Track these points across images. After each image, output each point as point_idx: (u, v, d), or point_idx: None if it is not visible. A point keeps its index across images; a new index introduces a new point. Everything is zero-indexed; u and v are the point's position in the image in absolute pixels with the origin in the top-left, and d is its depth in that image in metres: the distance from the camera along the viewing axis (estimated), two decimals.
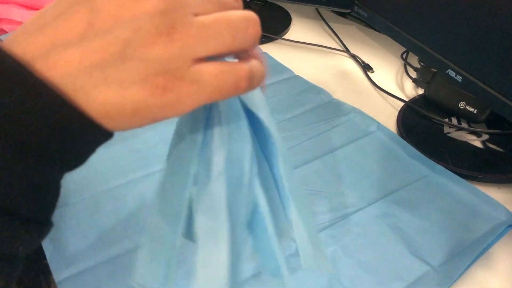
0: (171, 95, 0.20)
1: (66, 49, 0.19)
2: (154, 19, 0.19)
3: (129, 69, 0.20)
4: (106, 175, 0.56)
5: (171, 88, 0.20)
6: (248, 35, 0.22)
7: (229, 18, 0.21)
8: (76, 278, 0.46)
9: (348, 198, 0.55)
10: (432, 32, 0.59)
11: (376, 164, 0.60)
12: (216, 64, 0.21)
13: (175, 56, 0.20)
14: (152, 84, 0.20)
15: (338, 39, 0.88)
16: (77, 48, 0.19)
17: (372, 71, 0.80)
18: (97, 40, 0.19)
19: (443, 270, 0.47)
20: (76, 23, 0.19)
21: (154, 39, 0.19)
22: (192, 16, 0.21)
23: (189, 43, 0.20)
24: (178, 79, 0.20)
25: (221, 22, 0.21)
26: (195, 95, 0.21)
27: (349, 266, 0.47)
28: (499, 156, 0.60)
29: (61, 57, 0.19)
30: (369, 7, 0.71)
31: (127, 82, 0.20)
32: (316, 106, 0.70)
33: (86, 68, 0.19)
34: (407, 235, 0.51)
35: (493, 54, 0.51)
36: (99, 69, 0.19)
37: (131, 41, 0.19)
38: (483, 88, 0.53)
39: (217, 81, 0.21)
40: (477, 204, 0.54)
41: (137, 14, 0.19)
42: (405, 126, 0.66)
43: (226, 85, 0.21)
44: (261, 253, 0.33)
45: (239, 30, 0.21)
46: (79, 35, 0.19)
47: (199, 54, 0.21)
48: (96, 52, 0.19)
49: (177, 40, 0.20)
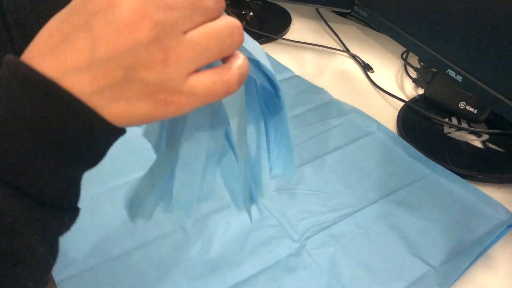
0: (172, 106, 0.24)
1: (77, 73, 0.22)
2: (149, 47, 0.22)
3: (133, 89, 0.23)
4: (106, 175, 0.56)
5: (171, 101, 0.24)
6: (233, 44, 0.25)
7: (216, 32, 0.24)
8: (76, 278, 0.46)
9: (348, 198, 0.55)
10: (432, 32, 0.59)
11: (376, 164, 0.60)
12: (208, 75, 0.24)
13: (171, 76, 0.23)
14: (155, 99, 0.23)
15: (338, 39, 0.88)
16: (86, 73, 0.22)
17: (372, 71, 0.80)
18: (102, 66, 0.22)
19: (443, 270, 0.47)
20: (81, 50, 0.22)
21: (151, 64, 0.22)
22: (183, 35, 0.23)
23: (183, 63, 0.23)
24: (177, 94, 0.24)
25: (209, 38, 0.24)
26: (192, 103, 0.24)
27: (349, 266, 0.47)
28: (499, 156, 0.60)
29: (76, 80, 0.23)
30: (369, 7, 0.71)
31: (133, 99, 0.23)
32: (316, 106, 0.70)
33: (97, 89, 0.23)
34: (407, 235, 0.51)
35: (493, 54, 0.51)
36: (108, 90, 0.23)
37: (132, 67, 0.22)
38: (483, 88, 0.53)
39: (210, 90, 0.24)
40: (477, 204, 0.54)
41: (133, 44, 0.22)
42: (405, 126, 0.66)
43: (219, 92, 0.25)
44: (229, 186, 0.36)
45: (225, 41, 0.24)
46: (86, 61, 0.22)
47: (192, 69, 0.24)
48: (103, 76, 0.23)
49: (172, 63, 0.23)
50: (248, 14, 0.94)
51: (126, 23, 0.22)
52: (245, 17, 0.94)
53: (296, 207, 0.53)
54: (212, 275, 0.46)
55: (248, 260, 0.48)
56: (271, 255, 0.48)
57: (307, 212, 0.53)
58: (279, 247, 0.49)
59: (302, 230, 0.51)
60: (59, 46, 0.23)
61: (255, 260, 0.48)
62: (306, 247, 0.49)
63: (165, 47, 0.22)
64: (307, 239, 0.50)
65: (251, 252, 0.49)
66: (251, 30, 0.88)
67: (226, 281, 0.46)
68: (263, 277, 0.47)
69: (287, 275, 0.47)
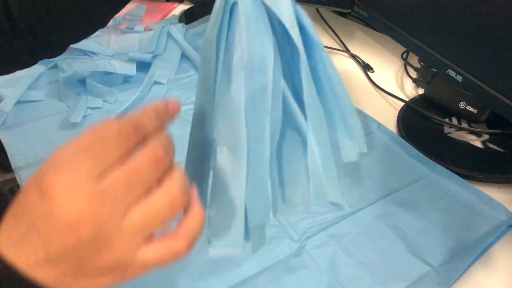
0: (129, 276, 0.26)
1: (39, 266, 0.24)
2: (92, 241, 0.24)
3: (90, 273, 0.25)
4: None
5: (127, 274, 0.26)
6: (174, 215, 0.26)
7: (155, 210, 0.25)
8: None
9: (348, 198, 0.55)
10: (432, 32, 0.59)
11: (376, 164, 0.60)
12: (157, 247, 0.26)
13: (121, 257, 0.25)
14: (113, 276, 0.26)
15: (338, 39, 0.88)
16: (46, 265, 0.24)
17: (372, 71, 0.80)
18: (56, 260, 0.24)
19: (443, 270, 0.47)
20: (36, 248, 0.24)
21: (98, 252, 0.24)
22: (123, 218, 0.25)
23: (127, 243, 0.25)
24: (130, 266, 0.26)
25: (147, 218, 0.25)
26: (147, 270, 0.26)
27: (349, 266, 0.47)
28: (499, 156, 0.60)
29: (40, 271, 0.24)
30: (369, 7, 0.71)
31: (93, 277, 0.25)
32: None
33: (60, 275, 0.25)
34: (407, 235, 0.51)
35: (493, 54, 0.51)
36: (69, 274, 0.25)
37: (82, 258, 0.24)
38: (483, 88, 0.53)
39: (161, 260, 0.26)
40: (477, 204, 0.54)
41: (78, 241, 0.24)
42: (405, 126, 0.66)
43: (169, 260, 0.27)
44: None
45: (165, 217, 0.26)
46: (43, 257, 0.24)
47: (139, 243, 0.25)
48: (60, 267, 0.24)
49: (117, 246, 0.25)
50: None
51: (68, 225, 0.24)
52: None
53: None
54: (212, 275, 0.46)
55: (248, 260, 0.48)
56: (271, 255, 0.48)
57: (307, 212, 0.53)
58: (279, 247, 0.49)
59: (302, 230, 0.51)
60: (20, 243, 0.25)
61: (255, 260, 0.48)
62: (306, 247, 0.49)
63: (107, 235, 0.24)
64: (307, 239, 0.50)
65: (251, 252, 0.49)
66: None
67: (226, 281, 0.46)
68: (263, 277, 0.47)
69: (287, 275, 0.47)
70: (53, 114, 0.70)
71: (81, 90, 0.74)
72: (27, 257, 0.24)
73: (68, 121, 0.67)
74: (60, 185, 0.24)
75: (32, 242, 0.24)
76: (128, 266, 0.26)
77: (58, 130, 0.67)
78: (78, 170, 0.24)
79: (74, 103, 0.70)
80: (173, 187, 0.26)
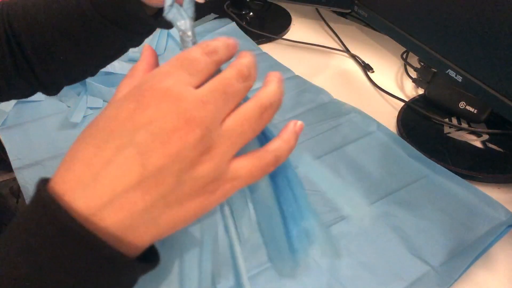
0: (219, 193, 0.26)
1: (128, 192, 0.23)
2: (196, 147, 0.23)
3: (185, 189, 0.24)
4: None
5: (218, 188, 0.25)
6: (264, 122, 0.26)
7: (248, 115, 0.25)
8: None
9: (348, 198, 0.55)
10: (432, 32, 0.59)
11: (376, 164, 0.60)
12: (249, 160, 0.26)
13: (217, 166, 0.24)
14: (205, 192, 0.25)
15: (338, 39, 0.88)
16: (138, 190, 0.23)
17: (372, 71, 0.80)
18: (154, 177, 0.23)
19: (443, 270, 0.47)
20: (131, 168, 0.23)
21: (199, 161, 0.24)
22: (221, 127, 0.24)
23: (225, 151, 0.25)
24: (222, 181, 0.25)
25: (243, 123, 0.25)
26: (235, 187, 0.26)
27: (349, 266, 0.47)
28: (499, 156, 0.60)
29: (125, 201, 0.23)
30: (369, 7, 0.71)
31: (185, 200, 0.24)
32: (316, 106, 0.70)
33: (150, 202, 0.23)
34: (407, 235, 0.51)
35: (493, 54, 0.51)
36: (161, 199, 0.24)
37: (183, 170, 0.23)
38: (483, 88, 0.53)
39: (251, 173, 0.26)
40: (477, 204, 0.54)
41: (182, 148, 0.23)
42: (405, 126, 0.66)
43: (259, 174, 0.27)
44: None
45: (257, 122, 0.26)
46: (137, 178, 0.23)
47: (232, 155, 0.25)
48: (156, 186, 0.23)
49: (216, 155, 0.24)
50: (248, 14, 0.94)
51: (172, 131, 0.23)
52: (245, 17, 0.94)
53: None
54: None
55: (248, 260, 0.48)
56: None
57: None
58: None
59: None
60: (104, 172, 0.23)
61: (255, 260, 0.48)
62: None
63: (209, 143, 0.24)
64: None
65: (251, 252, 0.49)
66: (251, 30, 0.88)
67: (226, 281, 0.46)
68: (263, 277, 0.47)
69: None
70: (53, 114, 0.70)
71: (81, 90, 0.74)
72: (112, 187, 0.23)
73: (68, 121, 0.67)
74: (161, 92, 0.23)
75: (125, 163, 0.23)
76: (221, 179, 0.25)
77: (58, 130, 0.67)
78: (178, 79, 0.24)
79: (74, 103, 0.70)
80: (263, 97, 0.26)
